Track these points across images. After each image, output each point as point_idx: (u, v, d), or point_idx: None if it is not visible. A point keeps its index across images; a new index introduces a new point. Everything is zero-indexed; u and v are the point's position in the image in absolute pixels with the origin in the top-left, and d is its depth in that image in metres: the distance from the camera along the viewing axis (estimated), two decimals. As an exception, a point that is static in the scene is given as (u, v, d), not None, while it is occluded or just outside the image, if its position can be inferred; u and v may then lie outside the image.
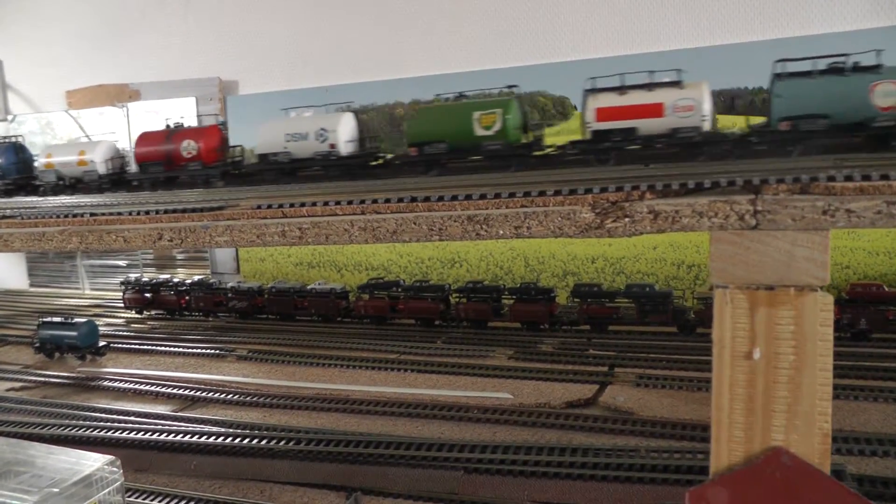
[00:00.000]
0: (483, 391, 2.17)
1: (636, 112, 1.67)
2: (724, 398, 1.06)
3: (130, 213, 1.42)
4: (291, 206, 1.24)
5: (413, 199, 1.17)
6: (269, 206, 1.27)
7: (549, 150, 1.79)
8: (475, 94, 1.98)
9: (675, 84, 1.69)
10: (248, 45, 3.67)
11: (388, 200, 1.18)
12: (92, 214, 1.50)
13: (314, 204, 1.22)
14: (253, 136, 3.61)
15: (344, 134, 1.83)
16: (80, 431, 2.05)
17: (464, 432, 1.88)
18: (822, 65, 1.59)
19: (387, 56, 3.32)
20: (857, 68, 1.59)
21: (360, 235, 1.08)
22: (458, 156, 1.78)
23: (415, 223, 1.08)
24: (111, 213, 1.45)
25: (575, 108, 2.96)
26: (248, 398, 2.27)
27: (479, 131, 1.77)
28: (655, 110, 1.66)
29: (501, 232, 1.04)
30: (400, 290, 2.98)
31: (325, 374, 2.48)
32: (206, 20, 3.78)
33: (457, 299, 2.88)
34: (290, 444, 1.83)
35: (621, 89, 1.72)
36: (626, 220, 1.05)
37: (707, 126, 1.60)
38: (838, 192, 1.01)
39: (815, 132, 1.55)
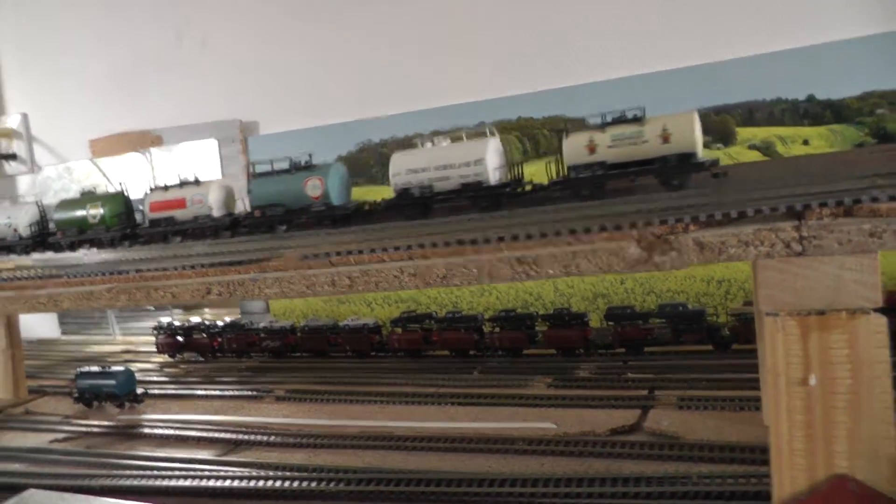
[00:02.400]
0: (525, 421, 2.17)
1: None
2: (782, 426, 1.06)
3: (177, 268, 1.44)
4: (338, 254, 1.26)
5: (460, 242, 1.19)
6: (316, 256, 1.29)
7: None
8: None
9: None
10: (266, 84, 3.71)
11: (434, 245, 1.20)
12: (137, 271, 1.53)
13: (361, 252, 1.24)
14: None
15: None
16: (127, 481, 2.07)
17: (511, 465, 1.88)
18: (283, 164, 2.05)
19: (405, 88, 3.35)
20: (297, 167, 2.02)
21: (410, 281, 1.10)
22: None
23: (464, 267, 1.10)
24: (157, 269, 1.48)
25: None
26: (291, 439, 2.27)
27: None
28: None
29: (551, 271, 1.06)
30: (433, 321, 2.99)
31: (365, 410, 2.49)
32: (222, 62, 3.83)
33: (490, 328, 2.89)
34: (341, 484, 1.83)
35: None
36: (673, 253, 1.07)
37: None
38: (884, 213, 1.01)
39: (275, 216, 1.99)
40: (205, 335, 3.50)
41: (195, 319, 3.69)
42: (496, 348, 2.86)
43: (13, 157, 4.59)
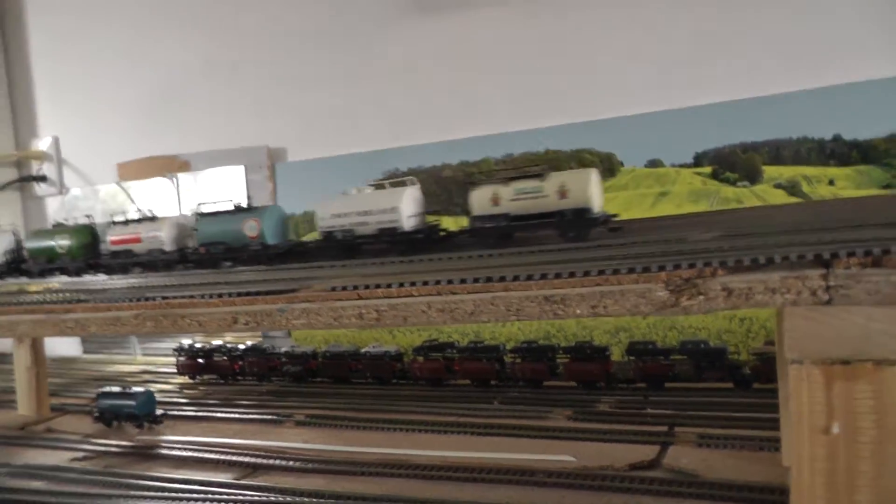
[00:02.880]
0: (545, 453, 2.17)
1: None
2: (804, 472, 1.07)
3: (203, 297, 1.47)
4: (367, 287, 1.28)
5: (489, 279, 1.20)
6: (345, 288, 1.31)
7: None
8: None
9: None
10: (294, 112, 3.76)
11: (463, 281, 1.21)
12: (164, 297, 1.55)
13: (389, 286, 1.26)
14: (301, 202, 3.70)
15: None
16: (144, 502, 2.08)
17: (531, 497, 1.88)
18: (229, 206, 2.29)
19: (432, 118, 3.38)
20: (238, 209, 2.27)
21: (438, 317, 1.12)
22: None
23: (492, 304, 1.11)
24: (184, 297, 1.50)
25: (622, 164, 3.01)
26: (309, 464, 2.28)
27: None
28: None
29: (578, 311, 1.07)
30: (455, 351, 3.00)
31: (385, 438, 2.50)
32: (252, 89, 3.88)
33: (511, 359, 2.89)
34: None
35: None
36: (701, 297, 1.07)
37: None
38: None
39: (217, 253, 2.21)
40: (226, 357, 3.52)
41: (217, 342, 3.71)
42: (517, 379, 2.87)
43: (43, 178, 4.67)
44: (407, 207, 1.88)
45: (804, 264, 1.08)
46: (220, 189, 3.91)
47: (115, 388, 2.94)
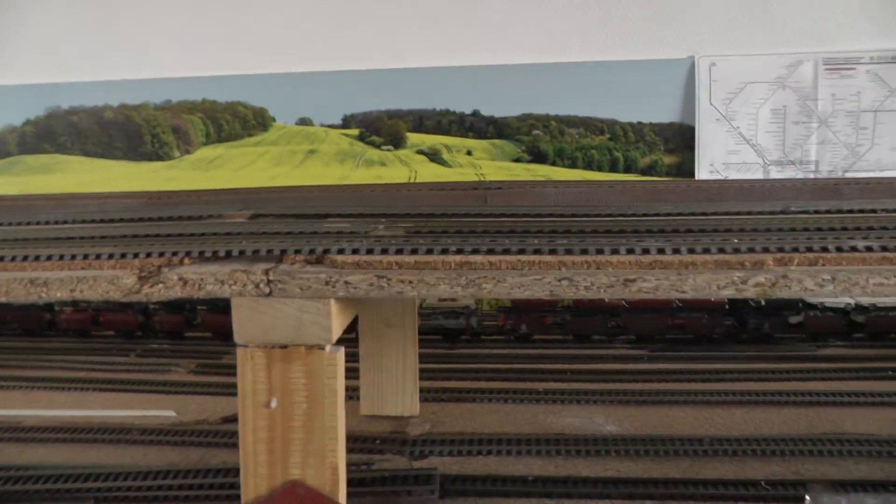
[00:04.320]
0: (154, 409, 2.24)
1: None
2: (248, 441, 1.21)
3: None
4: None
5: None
6: None
7: None
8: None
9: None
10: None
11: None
12: None
13: None
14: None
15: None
16: None
17: (117, 455, 1.95)
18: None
19: (94, 57, 3.26)
20: None
21: None
22: None
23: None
24: None
25: (274, 119, 3.11)
26: None
27: None
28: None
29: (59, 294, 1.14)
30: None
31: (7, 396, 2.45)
32: None
33: (154, 310, 2.92)
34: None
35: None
36: (160, 286, 1.18)
37: None
38: (339, 265, 1.18)
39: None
40: None
41: None
42: (157, 331, 2.91)
43: None
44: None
45: (258, 259, 1.22)
46: None
47: None
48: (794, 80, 2.93)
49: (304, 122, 3.09)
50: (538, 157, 3.06)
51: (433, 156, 3.08)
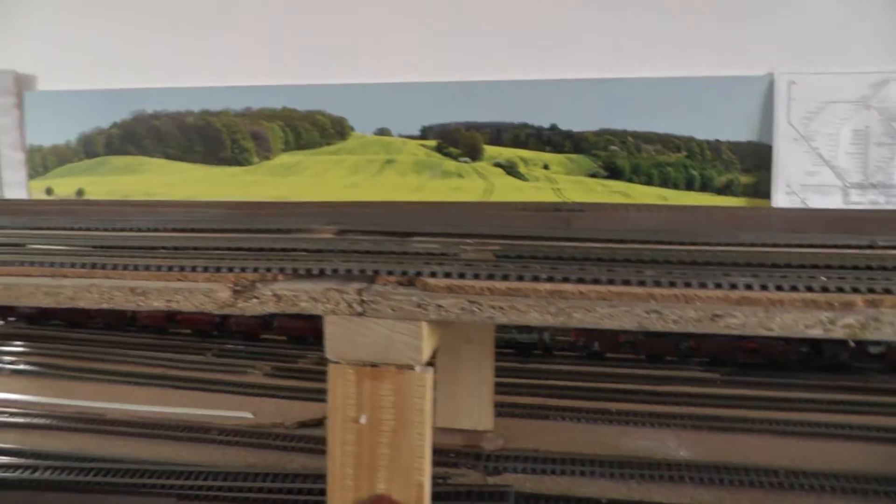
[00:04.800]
0: (232, 409, 2.30)
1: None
2: (336, 453, 1.25)
3: None
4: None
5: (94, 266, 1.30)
6: None
7: None
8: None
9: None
10: (47, 40, 3.63)
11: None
12: None
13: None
14: (51, 134, 3.60)
15: None
16: None
17: (201, 453, 2.01)
18: None
19: (178, 64, 3.38)
20: None
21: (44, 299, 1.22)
22: None
23: (88, 291, 1.22)
24: None
25: (352, 129, 3.16)
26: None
27: None
28: None
29: (156, 304, 1.19)
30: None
31: (87, 388, 2.54)
32: (2, 10, 3.71)
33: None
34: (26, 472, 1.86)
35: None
36: (255, 300, 1.22)
37: None
38: (431, 288, 1.21)
39: None
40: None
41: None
42: (233, 332, 2.98)
43: None
44: None
45: (350, 277, 1.26)
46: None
47: None
48: (878, 99, 2.87)
49: (382, 132, 3.14)
50: (614, 173, 3.06)
51: (510, 168, 3.10)
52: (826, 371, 2.55)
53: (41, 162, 3.61)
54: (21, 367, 2.74)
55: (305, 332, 2.88)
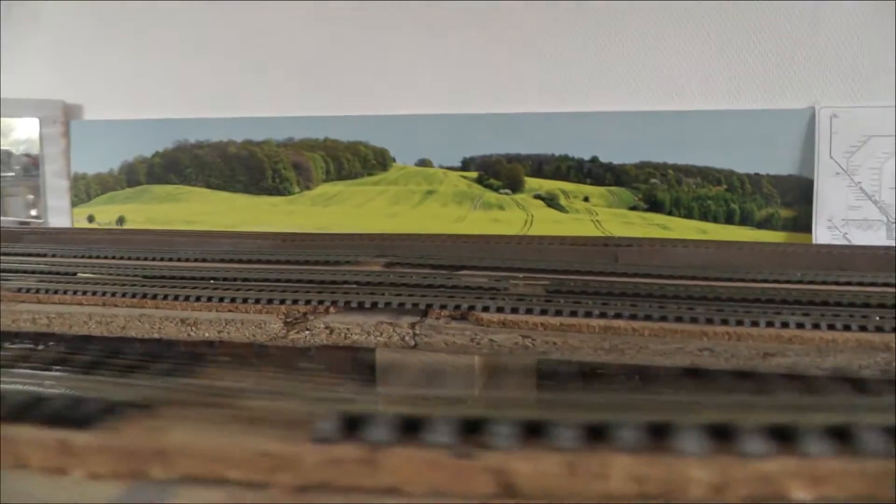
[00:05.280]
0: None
1: None
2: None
3: None
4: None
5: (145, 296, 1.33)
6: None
7: None
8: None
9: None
10: (93, 71, 3.71)
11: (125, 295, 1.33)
12: None
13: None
14: (95, 163, 3.67)
15: None
16: None
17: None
18: None
19: (222, 94, 3.43)
20: None
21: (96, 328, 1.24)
22: None
23: (139, 320, 1.24)
24: None
25: (394, 160, 3.19)
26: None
27: None
28: None
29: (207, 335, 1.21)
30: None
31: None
32: (53, 41, 3.79)
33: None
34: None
35: None
36: (307, 332, 1.24)
37: None
38: (485, 323, 1.21)
39: None
40: None
41: None
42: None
43: None
44: None
45: (404, 311, 1.27)
46: (14, 138, 3.82)
47: None
48: (921, 134, 2.84)
49: (423, 163, 3.16)
50: (654, 206, 3.05)
51: (550, 201, 3.10)
52: None
53: (84, 189, 3.67)
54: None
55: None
